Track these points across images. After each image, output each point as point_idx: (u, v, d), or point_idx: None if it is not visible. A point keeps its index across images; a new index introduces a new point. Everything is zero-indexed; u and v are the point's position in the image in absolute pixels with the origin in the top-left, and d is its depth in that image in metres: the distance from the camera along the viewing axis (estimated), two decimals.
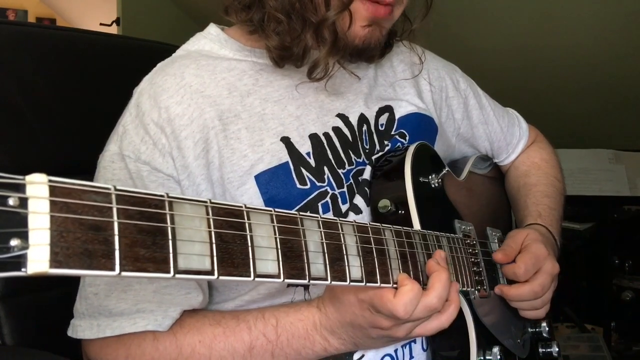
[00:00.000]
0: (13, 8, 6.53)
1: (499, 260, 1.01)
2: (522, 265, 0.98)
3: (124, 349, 0.87)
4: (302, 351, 0.86)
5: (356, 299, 0.79)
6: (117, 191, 0.45)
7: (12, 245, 0.38)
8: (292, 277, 0.60)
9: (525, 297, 0.99)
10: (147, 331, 0.85)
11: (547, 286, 1.00)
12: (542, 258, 1.00)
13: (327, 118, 0.99)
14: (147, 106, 0.92)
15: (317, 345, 0.85)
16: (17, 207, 0.39)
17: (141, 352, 0.86)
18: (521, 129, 1.33)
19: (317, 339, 0.85)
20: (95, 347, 0.89)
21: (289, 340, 0.85)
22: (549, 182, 1.26)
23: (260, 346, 0.85)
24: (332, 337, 0.84)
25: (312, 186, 0.93)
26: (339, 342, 0.85)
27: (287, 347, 0.85)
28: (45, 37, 1.19)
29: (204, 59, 0.98)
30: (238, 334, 0.86)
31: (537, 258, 0.99)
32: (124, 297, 0.86)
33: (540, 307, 1.02)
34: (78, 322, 0.88)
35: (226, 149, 0.91)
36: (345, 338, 0.84)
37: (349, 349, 0.86)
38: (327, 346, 0.85)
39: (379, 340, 0.83)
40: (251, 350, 0.85)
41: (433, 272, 0.79)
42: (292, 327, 0.85)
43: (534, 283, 0.98)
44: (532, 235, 1.03)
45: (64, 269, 0.40)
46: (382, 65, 1.11)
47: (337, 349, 0.86)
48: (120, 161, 0.90)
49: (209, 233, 0.52)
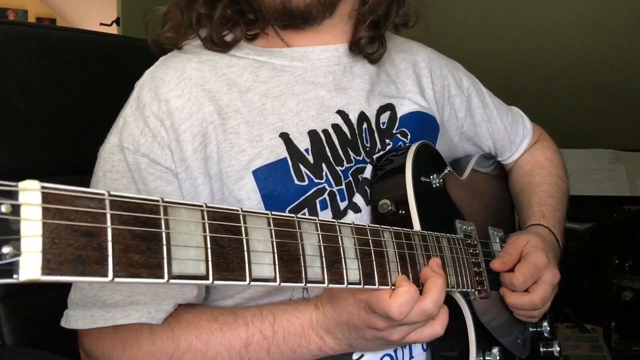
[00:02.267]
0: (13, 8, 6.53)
1: (497, 269, 1.00)
2: (520, 276, 0.98)
3: (121, 342, 0.87)
4: (297, 349, 0.86)
5: (353, 298, 0.79)
6: (111, 197, 0.45)
7: (4, 252, 0.38)
8: (288, 281, 0.60)
9: (525, 307, 1.00)
10: (144, 325, 0.86)
11: (547, 298, 1.00)
12: (541, 267, 0.99)
13: (327, 115, 0.99)
14: (148, 99, 0.92)
15: (312, 343, 0.85)
16: (9, 215, 0.39)
17: (138, 346, 0.86)
18: (525, 127, 1.32)
19: (312, 338, 0.85)
20: (91, 338, 0.89)
21: (285, 338, 0.85)
22: (553, 182, 1.25)
23: (256, 343, 0.85)
24: (328, 337, 0.84)
25: (310, 183, 0.93)
26: (334, 342, 0.85)
27: (282, 345, 0.85)
28: (45, 37, 1.19)
29: (205, 53, 0.99)
30: (235, 330, 0.86)
31: (536, 267, 0.99)
32: (119, 289, 0.86)
33: (537, 316, 1.03)
34: (72, 312, 0.88)
35: (224, 143, 0.91)
36: (340, 338, 0.84)
37: (344, 349, 0.86)
38: (322, 345, 0.85)
39: (374, 342, 0.83)
40: (247, 347, 0.85)
41: (429, 278, 0.79)
42: (288, 324, 0.85)
43: (534, 295, 0.98)
44: (533, 242, 1.03)
45: (56, 275, 0.40)
46: (383, 63, 1.10)
47: (332, 348, 0.85)
48: (120, 153, 0.91)
49: (204, 237, 0.52)
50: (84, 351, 0.91)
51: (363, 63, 1.06)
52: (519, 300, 0.99)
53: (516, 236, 1.06)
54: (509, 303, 1.00)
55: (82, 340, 0.91)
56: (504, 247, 1.05)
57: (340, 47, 1.03)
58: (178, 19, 1.00)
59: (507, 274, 1.00)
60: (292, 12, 0.95)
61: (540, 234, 1.09)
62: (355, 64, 1.05)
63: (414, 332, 0.80)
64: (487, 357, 0.92)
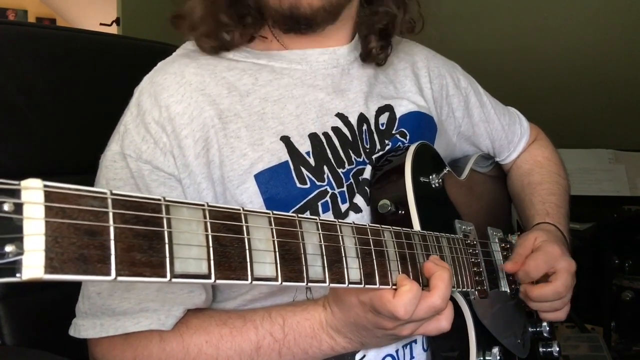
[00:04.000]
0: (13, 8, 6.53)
1: (509, 270, 1.01)
2: (532, 263, 0.98)
3: (131, 350, 0.87)
4: (309, 350, 0.86)
5: (357, 300, 0.79)
6: (113, 195, 0.45)
7: (7, 251, 0.38)
8: (290, 280, 0.60)
9: (549, 297, 0.99)
10: (153, 332, 0.86)
11: (570, 285, 0.99)
12: (556, 256, 0.99)
13: (327, 118, 0.99)
14: (148, 105, 0.92)
15: (324, 344, 0.85)
16: (12, 213, 0.39)
17: (148, 353, 0.86)
18: (522, 127, 1.32)
19: (324, 338, 0.85)
20: (102, 348, 0.89)
21: (296, 340, 0.85)
22: (554, 180, 1.25)
23: (267, 345, 0.85)
24: (339, 336, 0.84)
25: (312, 185, 0.93)
26: (345, 341, 0.85)
27: (294, 346, 0.85)
28: (45, 37, 1.19)
29: (204, 58, 0.98)
30: (245, 333, 0.86)
31: (550, 255, 0.99)
32: (127, 297, 0.86)
33: (560, 307, 1.01)
34: (81, 321, 0.88)
35: (226, 148, 0.91)
36: (351, 337, 0.84)
37: (356, 347, 0.87)
38: (334, 345, 0.85)
39: (385, 338, 0.83)
40: (258, 350, 0.85)
41: (433, 272, 0.79)
42: (298, 326, 0.85)
43: (556, 283, 0.98)
44: (542, 237, 1.03)
45: (59, 274, 0.40)
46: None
47: (344, 347, 0.86)
48: (122, 160, 0.91)
49: (206, 236, 0.52)
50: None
51: (361, 65, 1.07)
52: (542, 292, 0.98)
53: (524, 237, 1.06)
54: (532, 296, 0.99)
55: (92, 349, 0.90)
56: (515, 249, 1.05)
57: (338, 50, 1.03)
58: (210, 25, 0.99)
59: (521, 269, 1.00)
60: (298, 18, 0.94)
61: (547, 230, 1.09)
62: (353, 65, 1.06)
63: (422, 326, 0.80)
64: (487, 357, 0.92)
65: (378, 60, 1.06)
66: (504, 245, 1.12)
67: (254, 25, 1.00)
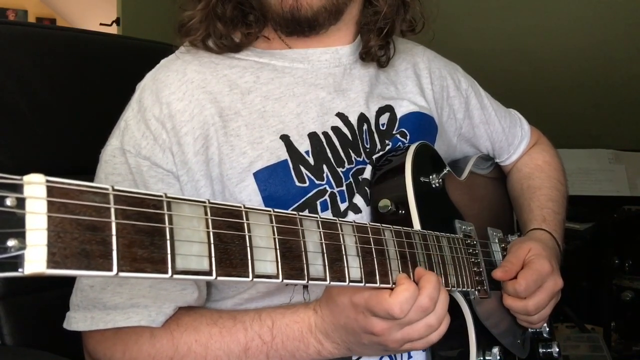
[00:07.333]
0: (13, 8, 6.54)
1: (499, 278, 1.00)
2: (522, 282, 0.98)
3: (122, 345, 0.87)
4: (296, 353, 0.86)
5: (350, 301, 0.79)
6: (115, 191, 0.45)
7: (9, 245, 0.38)
8: (290, 278, 0.60)
9: (518, 311, 1.01)
10: (144, 328, 0.86)
11: (542, 306, 1.00)
12: (545, 274, 1.00)
13: (327, 117, 0.99)
14: (149, 101, 0.92)
15: (311, 347, 0.85)
16: (14, 208, 0.39)
17: (138, 349, 0.87)
18: (523, 129, 1.32)
19: (311, 342, 0.85)
20: (94, 340, 0.89)
21: (283, 342, 0.85)
22: (553, 186, 1.25)
23: (255, 347, 0.86)
24: (327, 341, 0.84)
25: (311, 184, 0.93)
26: (332, 346, 0.85)
27: (281, 349, 0.85)
28: (45, 37, 1.19)
29: (206, 55, 0.99)
30: (234, 334, 0.86)
31: (539, 274, 0.99)
32: (120, 291, 0.86)
33: (536, 322, 1.03)
34: (73, 314, 0.89)
35: (226, 146, 0.92)
36: (339, 342, 0.84)
37: (343, 353, 0.86)
38: (320, 349, 0.85)
39: (371, 347, 0.83)
40: (246, 351, 0.86)
41: (422, 275, 0.79)
42: (287, 328, 0.86)
43: (528, 302, 0.99)
44: (536, 250, 1.03)
45: (61, 269, 0.40)
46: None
47: (330, 352, 0.86)
48: (121, 156, 0.91)
49: (207, 233, 0.52)
50: (87, 352, 0.92)
51: (363, 65, 1.07)
52: (513, 304, 1.00)
53: (518, 244, 1.06)
54: (505, 304, 1.01)
55: (85, 341, 0.91)
56: (506, 256, 1.04)
57: (340, 49, 1.04)
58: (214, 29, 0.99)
59: (510, 281, 1.00)
60: (300, 21, 0.95)
61: (542, 239, 1.09)
62: (355, 65, 1.06)
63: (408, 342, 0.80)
64: (487, 357, 0.92)
65: (379, 60, 1.06)
66: (504, 246, 1.11)
67: (257, 25, 1.00)
